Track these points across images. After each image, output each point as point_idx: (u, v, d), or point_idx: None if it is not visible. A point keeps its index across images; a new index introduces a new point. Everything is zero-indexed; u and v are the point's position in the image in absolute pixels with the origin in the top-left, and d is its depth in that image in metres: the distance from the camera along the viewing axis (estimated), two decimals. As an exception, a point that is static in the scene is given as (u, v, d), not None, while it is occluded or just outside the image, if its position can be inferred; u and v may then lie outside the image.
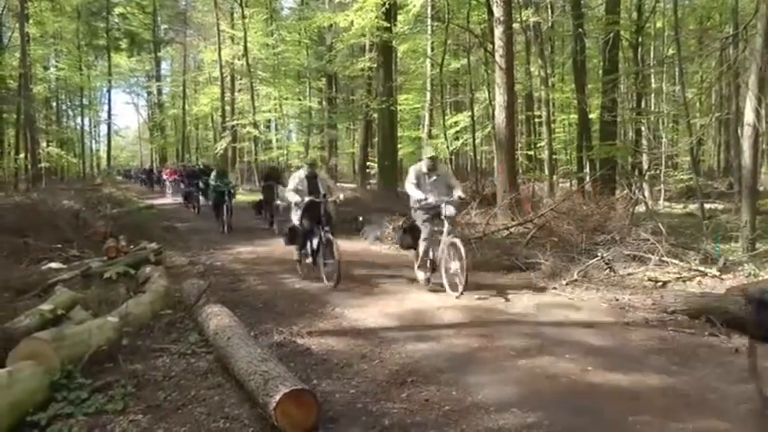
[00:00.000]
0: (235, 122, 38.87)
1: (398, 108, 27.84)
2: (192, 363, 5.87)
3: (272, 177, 18.55)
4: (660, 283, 9.30)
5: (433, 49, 27.52)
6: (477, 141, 28.45)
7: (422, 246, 9.44)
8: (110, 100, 55.01)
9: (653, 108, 27.73)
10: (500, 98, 15.63)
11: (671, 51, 24.39)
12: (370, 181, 32.29)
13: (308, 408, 4.38)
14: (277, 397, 4.33)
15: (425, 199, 9.12)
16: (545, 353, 6.25)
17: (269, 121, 42.89)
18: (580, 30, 20.15)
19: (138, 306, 7.14)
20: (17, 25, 33.25)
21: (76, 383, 4.95)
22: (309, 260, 10.52)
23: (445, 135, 26.40)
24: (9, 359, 4.93)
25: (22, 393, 4.49)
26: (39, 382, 4.72)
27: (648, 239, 10.87)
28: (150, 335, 6.65)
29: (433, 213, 9.31)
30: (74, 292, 8.06)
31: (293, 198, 10.25)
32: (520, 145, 28.38)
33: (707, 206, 16.83)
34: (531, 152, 29.87)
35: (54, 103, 51.31)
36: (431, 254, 9.43)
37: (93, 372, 5.29)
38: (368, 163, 33.29)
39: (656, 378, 5.51)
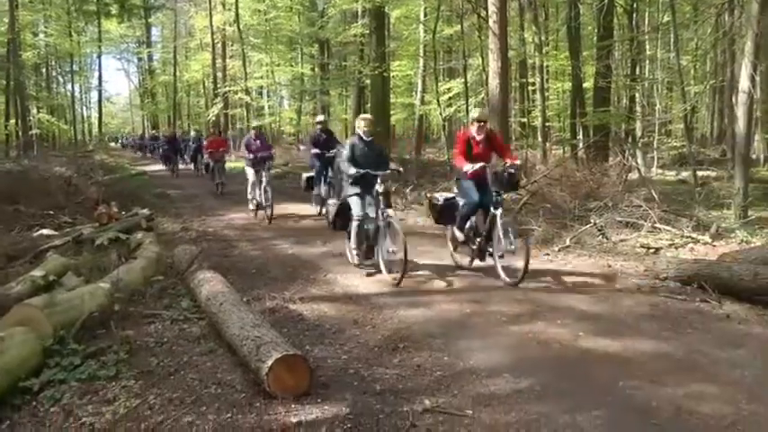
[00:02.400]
0: (226, 89, 38.56)
1: (391, 74, 27.61)
2: (185, 329, 5.87)
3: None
4: (652, 250, 9.32)
5: (426, 15, 27.22)
6: (471, 108, 28.32)
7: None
8: (100, 66, 54.10)
9: (647, 75, 27.55)
10: (494, 64, 15.52)
11: (666, 18, 24.13)
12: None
13: (300, 373, 4.39)
14: (269, 362, 4.33)
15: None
16: (537, 319, 6.27)
17: (261, 87, 42.59)
18: (575, -5, 19.98)
19: (129, 272, 7.12)
20: (5, -10, 32.82)
21: (69, 349, 4.95)
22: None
23: (438, 101, 26.20)
24: (1, 325, 4.92)
25: (15, 359, 4.48)
26: (31, 348, 4.72)
27: (641, 206, 10.88)
28: (142, 301, 6.64)
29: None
30: (65, 258, 8.06)
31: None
32: (513, 112, 28.27)
33: (700, 173, 16.81)
34: (525, 119, 29.76)
35: (44, 70, 50.71)
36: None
37: (86, 338, 5.30)
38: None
39: (648, 343, 5.54)
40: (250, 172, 14.12)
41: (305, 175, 13.94)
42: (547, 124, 27.74)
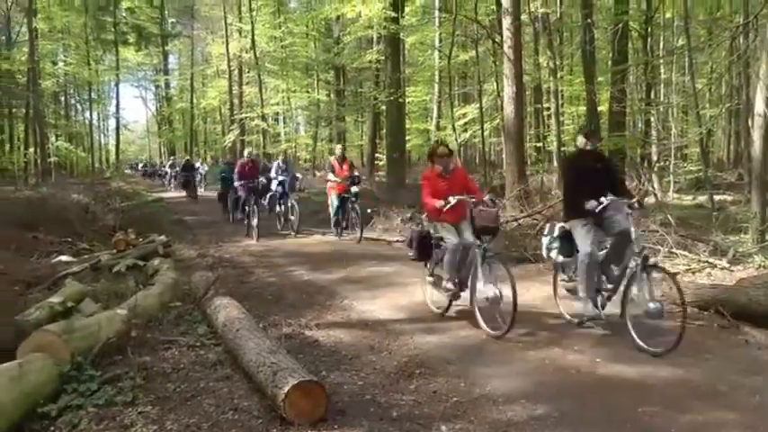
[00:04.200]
0: (243, 115, 38.88)
1: (407, 100, 27.75)
2: (201, 354, 5.87)
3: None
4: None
5: (441, 41, 27.40)
6: (486, 133, 28.33)
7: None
8: (118, 94, 54.72)
9: (662, 99, 27.55)
10: (508, 89, 15.56)
11: (681, 42, 24.19)
12: (379, 173, 32.26)
13: (316, 399, 4.39)
14: (286, 389, 4.33)
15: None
16: (554, 345, 6.24)
17: (277, 113, 42.90)
18: (589, 20, 19.99)
19: (147, 298, 7.16)
20: (25, 20, 33.34)
21: (86, 375, 4.96)
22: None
23: (454, 127, 26.30)
24: (20, 351, 4.95)
25: (33, 385, 4.50)
26: (49, 373, 4.74)
27: (657, 231, 10.80)
28: (159, 327, 6.66)
29: None
30: (83, 284, 8.11)
31: None
32: (528, 136, 28.26)
33: (716, 197, 16.72)
34: (540, 144, 29.75)
35: (63, 98, 51.34)
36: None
37: (103, 364, 5.31)
38: (376, 155, 33.28)
39: (666, 369, 5.49)
40: None
41: None
42: (562, 149, 27.72)
